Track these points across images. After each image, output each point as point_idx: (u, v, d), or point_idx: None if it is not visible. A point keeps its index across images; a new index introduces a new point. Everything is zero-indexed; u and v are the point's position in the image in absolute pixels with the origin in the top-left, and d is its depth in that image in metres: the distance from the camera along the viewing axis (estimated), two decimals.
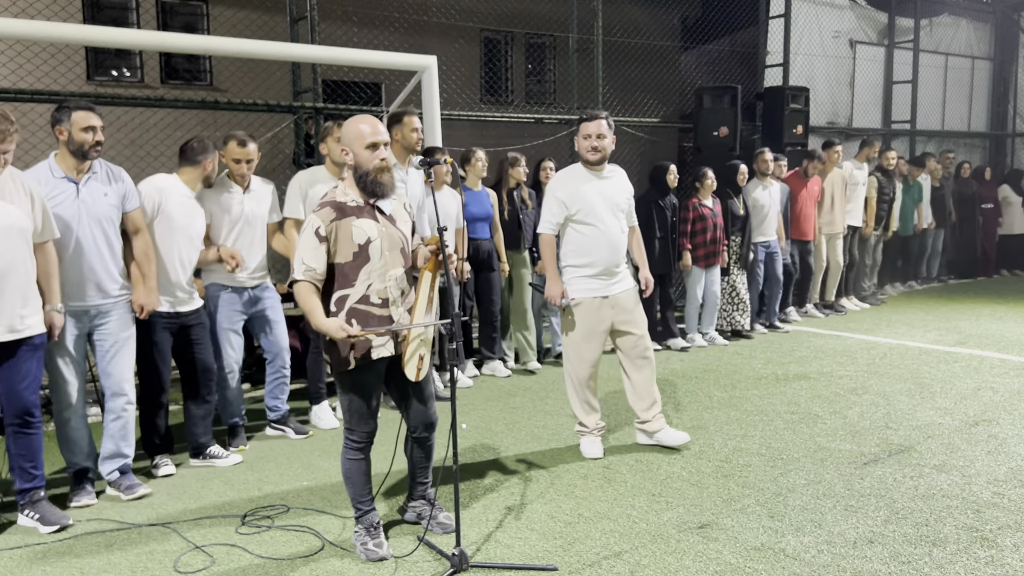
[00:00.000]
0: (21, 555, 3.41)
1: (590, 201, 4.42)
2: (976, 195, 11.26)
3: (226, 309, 4.65)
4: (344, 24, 8.25)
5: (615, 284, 4.50)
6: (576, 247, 4.47)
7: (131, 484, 4.05)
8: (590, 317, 4.46)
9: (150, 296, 4.11)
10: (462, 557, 3.17)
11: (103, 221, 3.93)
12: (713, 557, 3.27)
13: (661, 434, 4.62)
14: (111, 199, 3.98)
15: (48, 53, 6.71)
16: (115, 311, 4.00)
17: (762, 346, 7.32)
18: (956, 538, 3.40)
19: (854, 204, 8.82)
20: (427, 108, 6.03)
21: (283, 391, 4.96)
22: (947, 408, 5.27)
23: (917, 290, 10.50)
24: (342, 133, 3.29)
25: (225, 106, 6.18)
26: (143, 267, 4.11)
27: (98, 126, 3.87)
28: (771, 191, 7.84)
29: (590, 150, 4.42)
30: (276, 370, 4.90)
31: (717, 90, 8.91)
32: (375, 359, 3.21)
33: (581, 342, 4.47)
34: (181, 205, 4.33)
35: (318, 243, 3.14)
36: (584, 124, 4.45)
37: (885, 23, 11.80)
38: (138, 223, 4.11)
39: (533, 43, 12.40)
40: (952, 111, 13.10)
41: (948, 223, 10.71)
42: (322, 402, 5.22)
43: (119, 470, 4.08)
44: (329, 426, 5.13)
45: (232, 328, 4.68)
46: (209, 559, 3.34)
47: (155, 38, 6.29)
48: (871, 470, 4.20)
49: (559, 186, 4.50)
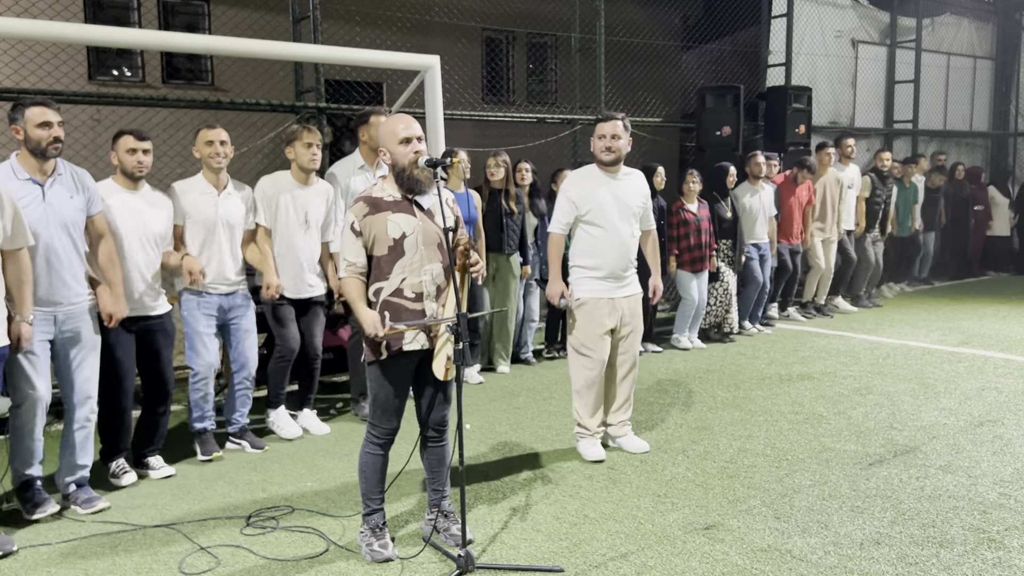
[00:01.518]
0: (26, 556, 3.40)
1: (601, 202, 4.41)
2: (970, 197, 11.24)
3: (199, 313, 4.48)
4: (346, 24, 8.24)
5: (622, 288, 4.49)
6: (585, 248, 4.46)
7: (89, 498, 3.88)
8: (594, 318, 4.44)
9: (118, 304, 3.96)
10: (468, 558, 3.16)
11: (69, 226, 3.76)
12: (719, 558, 3.26)
13: (623, 440, 4.64)
14: (77, 202, 3.81)
15: (51, 53, 6.70)
16: (81, 318, 3.82)
17: (765, 346, 7.31)
18: (963, 539, 3.39)
19: (845, 207, 8.68)
20: (430, 108, 6.02)
21: (245, 404, 4.77)
22: (952, 408, 5.26)
23: (908, 292, 10.43)
24: (378, 134, 3.37)
25: (227, 106, 6.17)
26: (108, 273, 3.95)
27: (55, 121, 3.66)
28: (761, 196, 7.75)
29: (604, 150, 4.42)
30: (240, 382, 4.72)
31: (719, 90, 8.90)
32: (407, 351, 3.24)
33: (586, 343, 4.46)
34: (123, 205, 4.12)
35: (355, 238, 3.24)
36: (600, 124, 4.45)
37: (887, 23, 11.79)
38: (101, 228, 3.95)
39: (535, 43, 12.39)
40: (954, 111, 13.09)
41: (938, 225, 10.64)
42: (279, 407, 4.99)
43: (76, 483, 3.92)
44: (290, 435, 4.90)
45: (206, 331, 4.50)
46: (214, 560, 3.34)
47: (157, 38, 6.28)
48: (877, 471, 4.19)
49: (571, 186, 4.49)
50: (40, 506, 3.76)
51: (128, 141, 4.14)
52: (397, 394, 3.31)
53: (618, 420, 4.66)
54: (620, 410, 4.65)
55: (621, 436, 4.65)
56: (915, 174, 9.88)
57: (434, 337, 3.28)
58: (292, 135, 4.81)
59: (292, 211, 4.77)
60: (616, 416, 4.66)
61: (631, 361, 4.59)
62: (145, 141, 4.17)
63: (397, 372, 3.28)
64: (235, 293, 4.60)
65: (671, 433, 4.88)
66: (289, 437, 4.90)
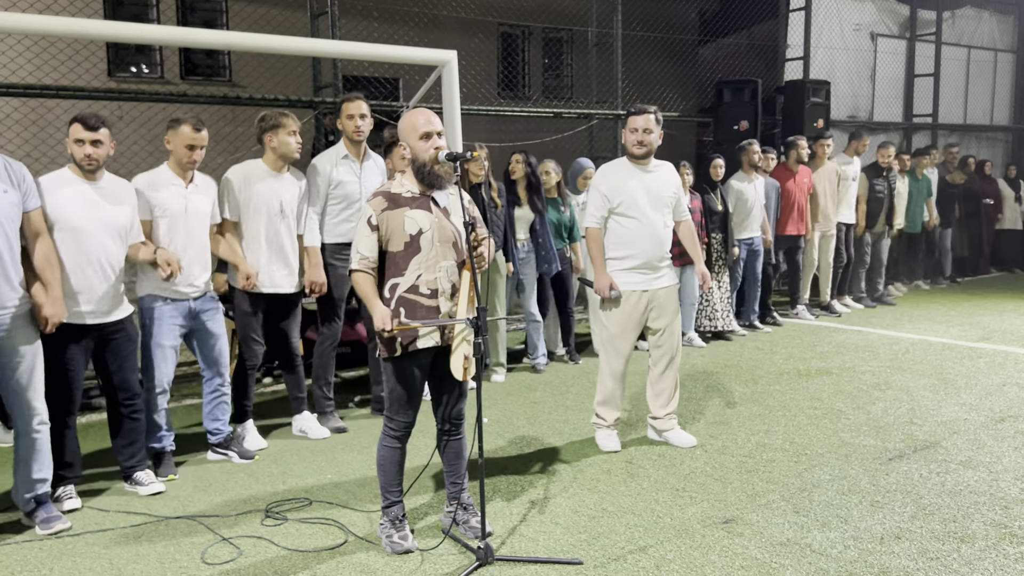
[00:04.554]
0: (52, 546, 3.45)
1: (632, 194, 4.41)
2: (980, 190, 11.02)
3: (163, 323, 4.14)
4: (363, 20, 8.27)
5: (657, 279, 4.49)
6: (618, 240, 4.47)
7: (48, 517, 3.61)
8: (628, 311, 4.46)
9: (56, 306, 3.58)
10: (487, 550, 3.18)
11: (3, 222, 3.42)
12: (739, 552, 3.26)
13: (670, 434, 4.64)
14: (12, 197, 3.46)
15: (72, 49, 6.77)
16: (17, 323, 3.49)
17: (783, 341, 7.28)
18: (984, 534, 3.37)
19: (846, 201, 8.42)
20: (447, 103, 6.03)
21: (223, 411, 4.47)
22: (972, 404, 5.22)
23: (924, 289, 10.27)
24: (399, 128, 3.36)
25: (246, 101, 6.21)
26: (45, 274, 3.57)
27: None
28: (756, 185, 7.47)
29: (636, 144, 4.42)
30: (214, 388, 4.43)
31: (737, 84, 8.85)
32: (420, 348, 3.26)
33: (618, 335, 4.48)
34: (78, 196, 3.75)
35: (370, 232, 3.24)
36: (632, 118, 4.45)
37: (907, 16, 11.70)
38: (38, 225, 3.59)
39: (551, 37, 12.38)
40: (974, 104, 12.98)
41: (953, 220, 10.39)
42: (246, 421, 4.73)
43: (36, 500, 3.63)
44: (254, 447, 4.62)
45: (170, 344, 4.17)
46: (236, 551, 3.37)
47: (176, 33, 6.32)
48: (896, 466, 4.17)
49: (602, 180, 4.50)
50: None
51: (76, 130, 3.72)
52: (412, 389, 3.33)
53: (664, 413, 4.62)
54: (667, 403, 4.61)
55: (668, 430, 4.63)
56: (927, 167, 9.54)
57: (449, 335, 3.29)
58: (276, 123, 4.50)
59: (269, 201, 4.52)
60: (662, 409, 4.62)
61: (671, 353, 4.57)
62: (96, 131, 3.73)
63: (411, 368, 3.29)
64: (204, 296, 4.30)
65: (689, 428, 4.87)
66: (252, 448, 4.60)
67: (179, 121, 4.15)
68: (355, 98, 4.90)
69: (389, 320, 3.19)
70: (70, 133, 3.73)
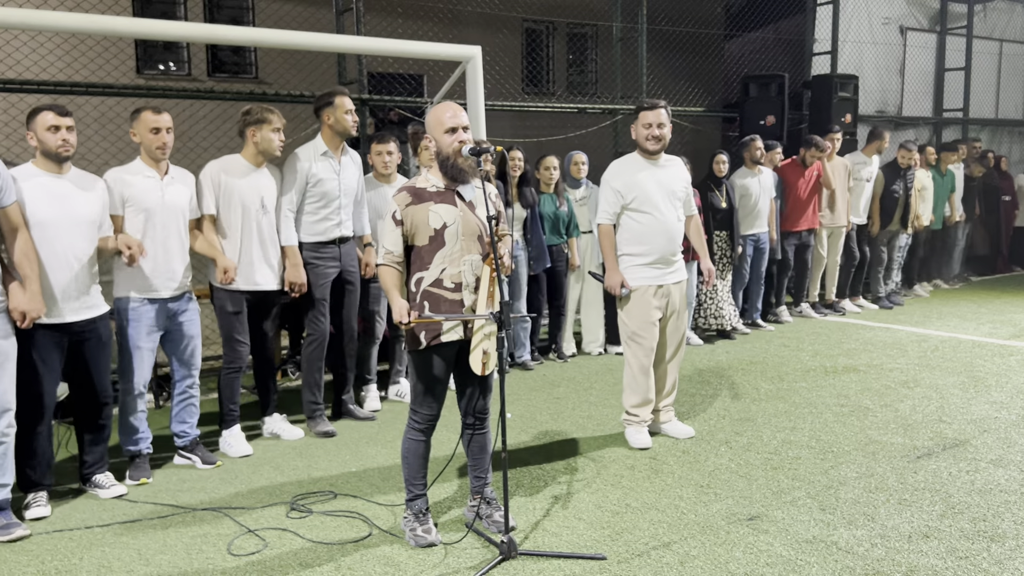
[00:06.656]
0: (81, 536, 3.50)
1: (646, 189, 4.40)
2: (998, 186, 10.71)
3: (140, 324, 4.05)
4: (388, 16, 8.30)
5: (671, 273, 4.50)
6: (632, 235, 4.46)
7: (7, 524, 3.48)
8: (644, 306, 4.45)
9: (33, 301, 3.49)
10: (511, 544, 3.18)
11: None
12: (764, 549, 3.24)
13: (668, 426, 4.67)
14: None
15: (101, 47, 6.86)
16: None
17: (809, 338, 7.21)
18: (1015, 533, 3.32)
19: (858, 200, 8.18)
20: (471, 99, 6.03)
21: (192, 414, 4.37)
22: (1003, 402, 5.14)
23: (944, 288, 9.98)
24: (426, 121, 3.38)
25: (272, 98, 6.26)
26: (23, 268, 3.50)
27: None
28: (761, 179, 7.33)
29: (649, 139, 4.41)
30: (183, 391, 4.33)
31: (763, 78, 8.77)
32: (444, 343, 3.27)
33: (638, 331, 4.47)
34: (42, 189, 3.66)
35: (395, 227, 3.28)
36: (644, 113, 4.44)
37: (937, 9, 11.52)
38: (15, 220, 3.52)
39: (575, 33, 12.35)
40: (1007, 99, 12.75)
41: (973, 216, 10.07)
42: (233, 426, 4.58)
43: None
44: (239, 453, 4.48)
45: (147, 346, 4.09)
46: (261, 542, 3.40)
47: (204, 30, 6.38)
48: (925, 464, 4.12)
49: (614, 176, 4.49)
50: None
51: (48, 118, 3.65)
52: (436, 382, 3.34)
53: (663, 405, 4.67)
54: (666, 395, 4.66)
55: (666, 422, 4.67)
56: (953, 162, 9.24)
57: (471, 330, 3.30)
58: (260, 118, 4.42)
59: (249, 196, 4.44)
60: (661, 401, 4.66)
61: (676, 344, 4.60)
62: (67, 117, 3.69)
63: (435, 361, 3.31)
64: (182, 297, 4.21)
65: (714, 424, 4.85)
66: (237, 455, 4.48)
67: (139, 110, 4.07)
68: (345, 93, 4.76)
69: (406, 313, 3.21)
70: (37, 124, 3.65)
